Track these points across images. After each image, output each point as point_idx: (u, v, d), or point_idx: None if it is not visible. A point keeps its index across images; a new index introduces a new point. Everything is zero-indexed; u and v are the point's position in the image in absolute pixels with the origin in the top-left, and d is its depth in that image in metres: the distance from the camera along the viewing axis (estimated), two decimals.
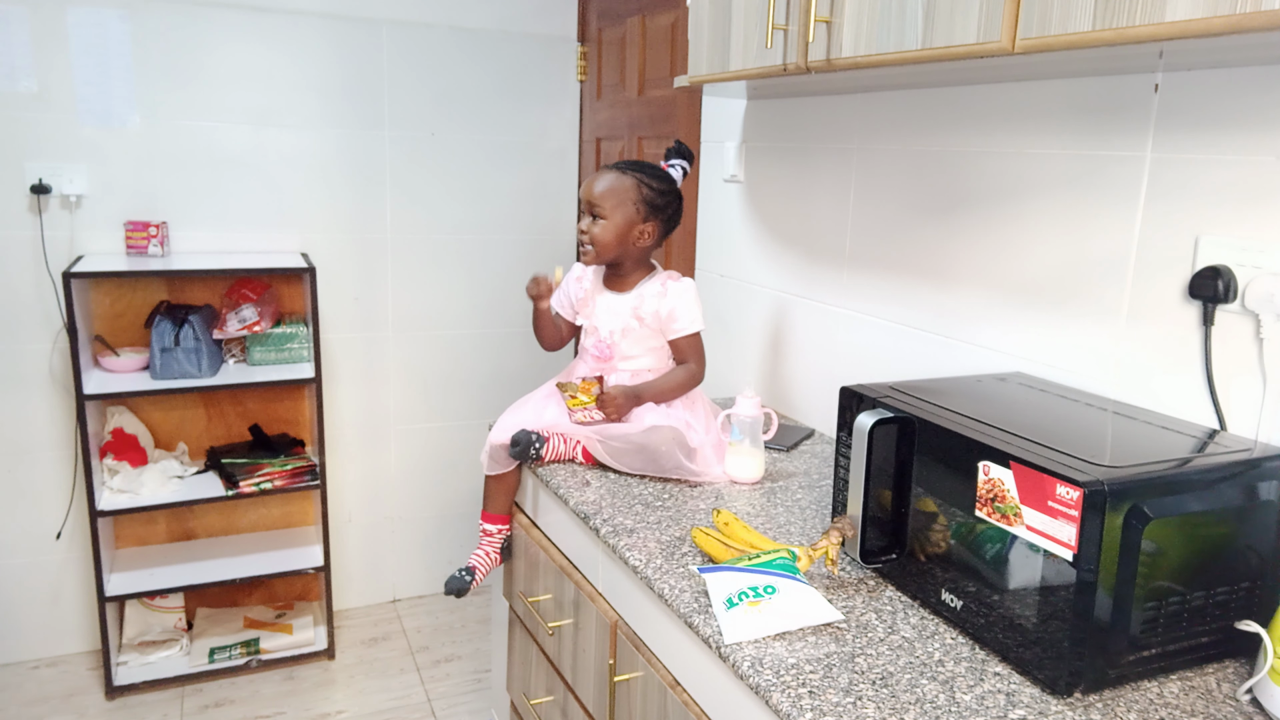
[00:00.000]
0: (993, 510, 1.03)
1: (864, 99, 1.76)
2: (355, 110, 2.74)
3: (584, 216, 1.73)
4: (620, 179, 1.72)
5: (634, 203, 1.71)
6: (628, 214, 1.71)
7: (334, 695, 2.57)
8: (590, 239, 1.71)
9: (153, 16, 2.47)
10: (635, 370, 1.73)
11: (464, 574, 1.75)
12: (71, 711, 2.46)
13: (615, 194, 1.70)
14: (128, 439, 2.54)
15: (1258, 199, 1.12)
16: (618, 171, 1.73)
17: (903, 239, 1.68)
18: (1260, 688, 0.96)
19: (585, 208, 1.73)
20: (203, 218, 2.61)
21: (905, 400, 1.21)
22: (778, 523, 1.43)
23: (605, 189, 1.71)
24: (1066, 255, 1.37)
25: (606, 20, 2.86)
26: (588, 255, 1.73)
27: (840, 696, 0.97)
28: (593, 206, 1.71)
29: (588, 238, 1.71)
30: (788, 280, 2.02)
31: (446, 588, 1.74)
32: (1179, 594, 1.00)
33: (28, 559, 2.63)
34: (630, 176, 1.72)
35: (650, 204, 1.72)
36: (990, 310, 1.51)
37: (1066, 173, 1.36)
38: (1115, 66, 1.21)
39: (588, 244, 1.72)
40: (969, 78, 1.43)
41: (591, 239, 1.71)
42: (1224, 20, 0.84)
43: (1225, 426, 1.17)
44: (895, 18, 1.21)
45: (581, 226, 1.73)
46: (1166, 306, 1.23)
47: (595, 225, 1.71)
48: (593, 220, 1.71)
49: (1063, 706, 0.96)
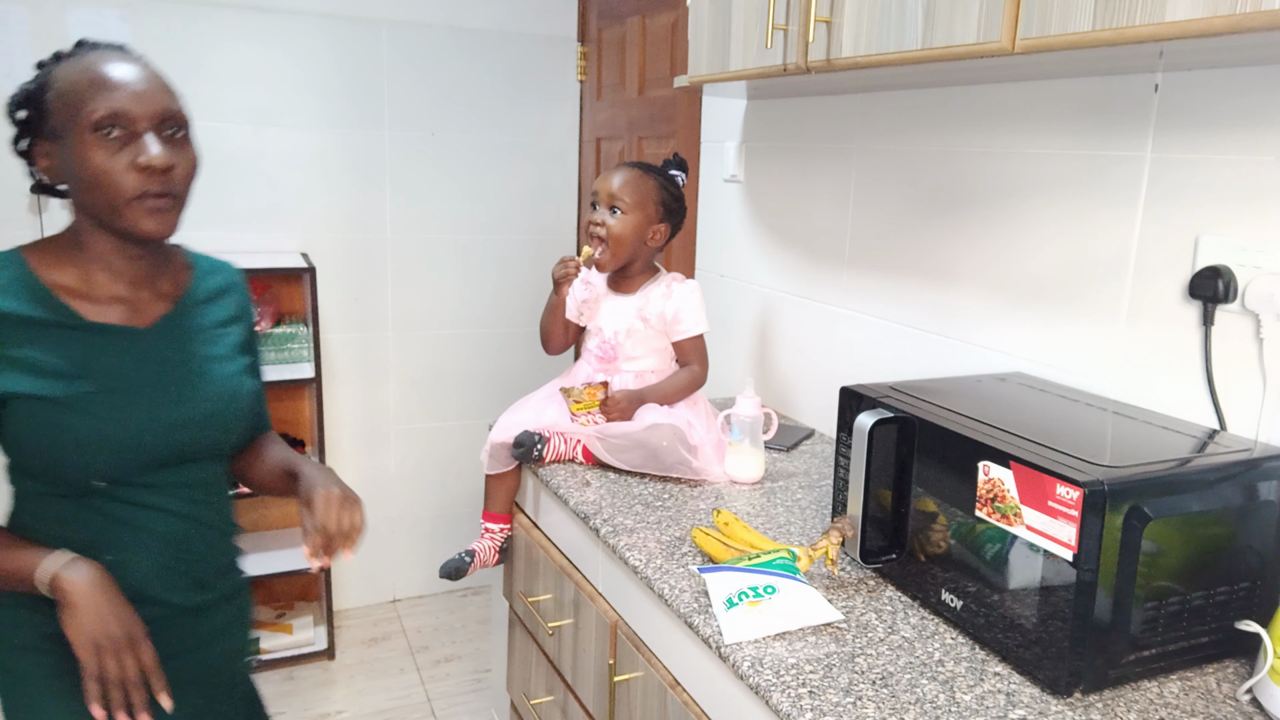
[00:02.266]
0: (993, 510, 1.03)
1: (864, 99, 1.76)
2: (355, 110, 2.74)
3: (598, 209, 1.72)
4: (643, 178, 1.72)
5: (654, 203, 1.72)
6: (647, 213, 1.71)
7: (334, 695, 2.57)
8: (607, 231, 1.70)
9: (153, 16, 2.47)
10: (639, 371, 1.73)
11: (464, 555, 1.74)
12: None
13: (637, 191, 1.70)
14: None
15: (1258, 199, 1.12)
16: (639, 170, 1.73)
17: (903, 239, 1.68)
18: (1260, 688, 0.96)
19: (602, 200, 1.72)
20: (203, 218, 2.60)
21: (905, 400, 1.21)
22: (778, 523, 1.43)
23: (627, 184, 1.70)
24: (1066, 255, 1.37)
25: (606, 20, 2.86)
26: (602, 252, 1.71)
27: (840, 696, 0.97)
28: (612, 199, 1.70)
29: (603, 230, 1.70)
30: (788, 280, 2.02)
31: (442, 570, 1.72)
32: (1179, 594, 1.00)
33: None
34: (652, 177, 1.73)
35: (667, 207, 1.74)
36: (990, 310, 1.51)
37: (1066, 173, 1.36)
38: (1115, 66, 1.21)
39: (602, 235, 1.70)
40: (969, 78, 1.43)
41: (608, 232, 1.70)
42: (1224, 20, 0.84)
43: (1225, 426, 1.17)
44: (895, 18, 1.21)
45: (596, 219, 1.71)
46: (1166, 306, 1.23)
47: (613, 218, 1.70)
48: (610, 212, 1.71)
49: (1063, 706, 0.96)
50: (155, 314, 1.16)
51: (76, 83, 1.05)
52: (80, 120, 1.03)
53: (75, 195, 1.09)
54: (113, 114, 1.04)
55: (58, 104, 1.05)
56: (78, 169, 1.04)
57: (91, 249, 1.11)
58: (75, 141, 1.04)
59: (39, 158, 1.10)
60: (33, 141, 1.10)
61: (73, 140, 1.04)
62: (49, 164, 1.09)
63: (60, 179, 1.10)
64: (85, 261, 1.11)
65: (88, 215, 1.09)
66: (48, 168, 1.10)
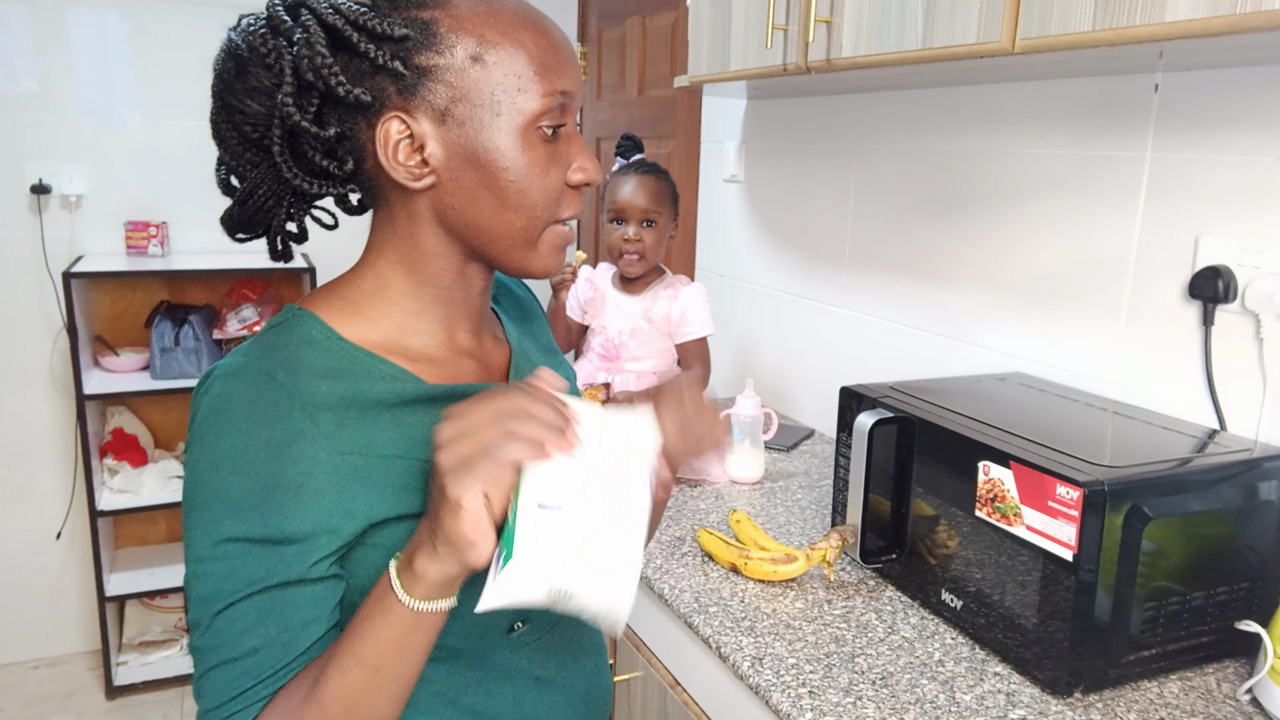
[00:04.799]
0: (993, 510, 1.03)
1: (864, 99, 1.76)
2: None
3: (629, 224, 1.67)
4: (661, 184, 1.70)
5: (671, 204, 1.71)
6: (669, 218, 1.71)
7: None
8: (644, 249, 1.67)
9: (153, 16, 2.47)
10: (641, 372, 1.73)
11: None
12: (71, 711, 2.46)
13: (663, 200, 1.69)
14: (128, 439, 2.55)
15: (1258, 199, 1.12)
16: (655, 176, 1.70)
17: (903, 239, 1.68)
18: (1260, 688, 0.96)
19: (634, 216, 1.67)
20: (203, 218, 2.61)
21: (905, 400, 1.21)
22: (778, 523, 1.42)
23: (654, 196, 1.67)
24: (1066, 255, 1.37)
25: (606, 20, 2.86)
26: (633, 266, 1.69)
27: (840, 696, 0.97)
28: (646, 214, 1.67)
29: (641, 246, 1.67)
30: (788, 280, 2.02)
31: None
32: (1179, 594, 1.00)
33: (28, 559, 2.63)
34: (665, 181, 1.71)
35: (676, 205, 1.74)
36: (990, 310, 1.51)
37: (1066, 173, 1.36)
38: (1115, 66, 1.21)
39: (637, 253, 1.67)
40: (969, 78, 1.43)
41: (644, 247, 1.67)
42: (1224, 20, 0.84)
43: (1225, 426, 1.17)
44: (895, 18, 1.21)
45: (629, 234, 1.67)
46: (1166, 306, 1.23)
47: (648, 231, 1.67)
48: (643, 226, 1.67)
49: (1063, 706, 0.96)
50: (502, 359, 0.84)
51: (502, 34, 0.68)
52: (522, 97, 0.68)
53: (451, 206, 0.71)
54: (567, 96, 0.71)
55: (470, 62, 0.67)
56: (498, 170, 0.69)
57: (433, 285, 0.75)
58: (500, 124, 0.68)
59: (389, 133, 0.68)
60: (377, 103, 0.67)
61: (488, 122, 0.68)
62: (412, 148, 0.68)
63: (420, 174, 0.69)
64: (408, 305, 0.75)
65: (454, 234, 0.73)
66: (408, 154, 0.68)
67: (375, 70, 0.66)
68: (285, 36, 0.66)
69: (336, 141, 0.69)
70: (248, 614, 0.65)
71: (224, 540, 0.64)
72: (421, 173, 0.69)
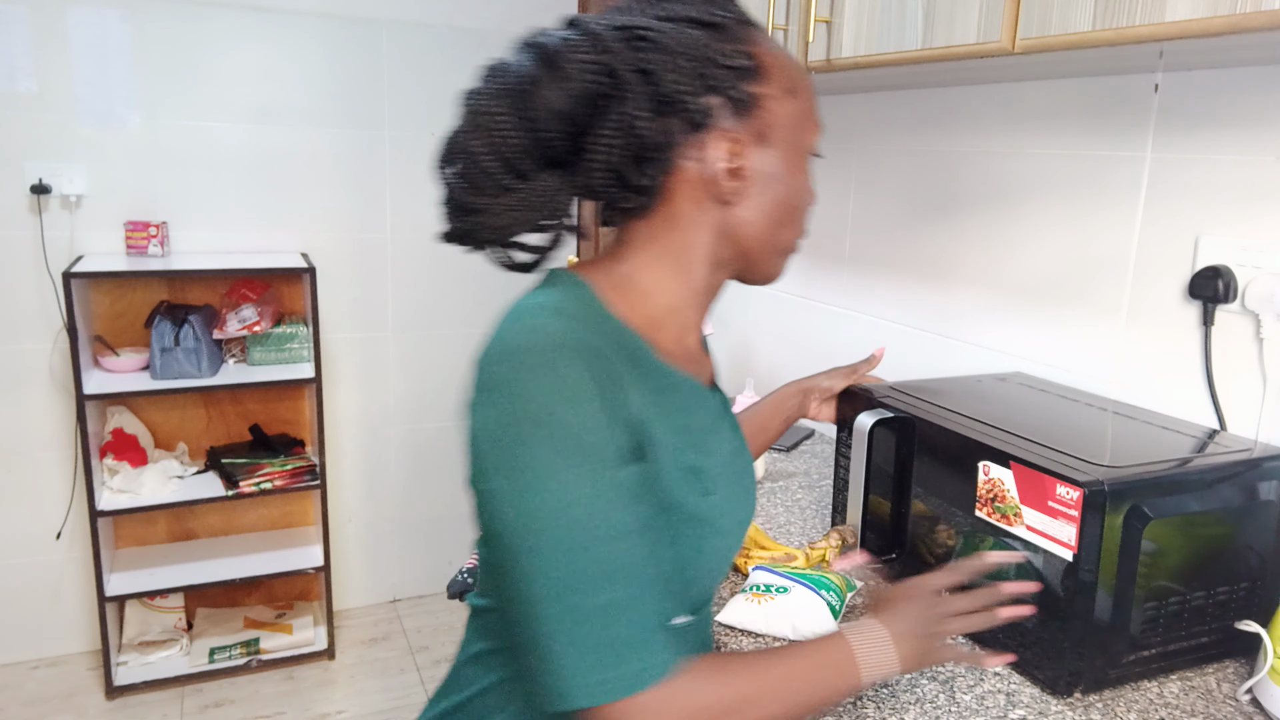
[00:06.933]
0: (993, 510, 1.03)
1: (864, 99, 1.76)
2: (355, 110, 2.74)
3: None
4: None
5: None
6: None
7: (334, 695, 2.57)
8: None
9: (153, 16, 2.47)
10: None
11: (465, 576, 1.75)
12: (71, 711, 2.46)
13: None
14: (128, 439, 2.55)
15: (1258, 199, 1.12)
16: None
17: (903, 239, 1.68)
18: (1260, 688, 0.96)
19: None
20: (203, 218, 2.61)
21: (905, 400, 1.21)
22: (778, 523, 1.42)
23: None
24: (1066, 255, 1.37)
25: None
26: None
27: None
28: None
29: None
30: (787, 280, 2.02)
31: (449, 590, 1.74)
32: (1179, 594, 1.00)
33: (28, 559, 2.63)
34: None
35: None
36: (990, 310, 1.51)
37: (1066, 173, 1.36)
38: (1115, 66, 1.21)
39: None
40: (969, 78, 1.43)
41: None
42: (1224, 20, 0.84)
43: (1225, 426, 1.17)
44: (895, 18, 1.21)
45: None
46: (1166, 306, 1.23)
47: None
48: None
49: (1063, 706, 0.96)
50: (710, 369, 0.90)
51: (799, 74, 0.79)
52: (806, 130, 0.79)
53: (743, 220, 0.77)
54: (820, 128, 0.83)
55: (783, 94, 0.77)
56: (789, 189, 0.78)
57: (692, 288, 0.80)
58: (790, 152, 0.78)
59: (719, 151, 0.74)
60: (708, 122, 0.74)
61: (785, 149, 0.77)
62: (731, 166, 0.75)
63: (734, 191, 0.76)
64: (667, 300, 0.79)
65: (728, 243, 0.79)
66: (733, 169, 0.75)
67: (710, 91, 0.73)
68: (644, 50, 0.71)
69: (657, 152, 0.73)
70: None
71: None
72: (738, 188, 0.76)
